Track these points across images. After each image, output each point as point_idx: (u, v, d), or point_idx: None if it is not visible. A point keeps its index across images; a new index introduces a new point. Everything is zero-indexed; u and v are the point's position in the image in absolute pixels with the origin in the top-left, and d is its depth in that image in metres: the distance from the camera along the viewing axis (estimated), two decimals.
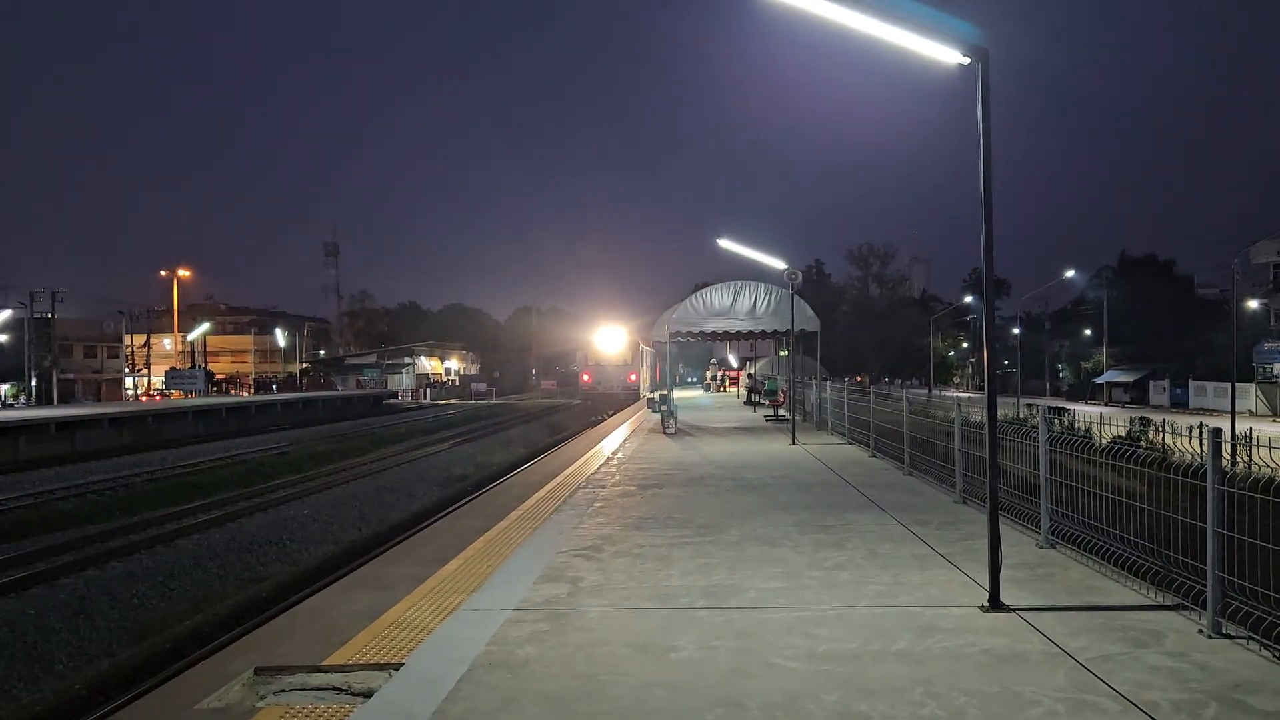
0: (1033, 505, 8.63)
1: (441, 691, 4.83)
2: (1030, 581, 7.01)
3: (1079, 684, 4.84)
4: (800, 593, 6.80)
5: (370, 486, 24.73)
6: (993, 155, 6.45)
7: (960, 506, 10.68)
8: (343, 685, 5.02)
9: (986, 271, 6.63)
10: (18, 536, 16.91)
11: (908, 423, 14.11)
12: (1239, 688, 4.76)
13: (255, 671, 5.22)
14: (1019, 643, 5.54)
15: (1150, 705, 4.53)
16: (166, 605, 12.96)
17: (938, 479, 12.45)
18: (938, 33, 6.32)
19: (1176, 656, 5.27)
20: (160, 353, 77.97)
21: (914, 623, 5.99)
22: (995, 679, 4.93)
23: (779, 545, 8.51)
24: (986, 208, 6.46)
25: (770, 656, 5.33)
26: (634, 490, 12.34)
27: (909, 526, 9.39)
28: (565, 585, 7.11)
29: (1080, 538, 7.73)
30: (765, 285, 25.65)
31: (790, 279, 21.61)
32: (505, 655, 5.42)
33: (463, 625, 6.07)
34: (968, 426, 11.02)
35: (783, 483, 12.98)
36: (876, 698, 4.67)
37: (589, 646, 5.56)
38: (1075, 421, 21.83)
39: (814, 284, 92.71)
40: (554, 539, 8.95)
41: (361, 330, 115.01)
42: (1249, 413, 48.47)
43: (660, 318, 26.09)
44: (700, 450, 18.11)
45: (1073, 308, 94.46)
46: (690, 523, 9.73)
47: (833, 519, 9.88)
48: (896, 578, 7.22)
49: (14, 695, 9.67)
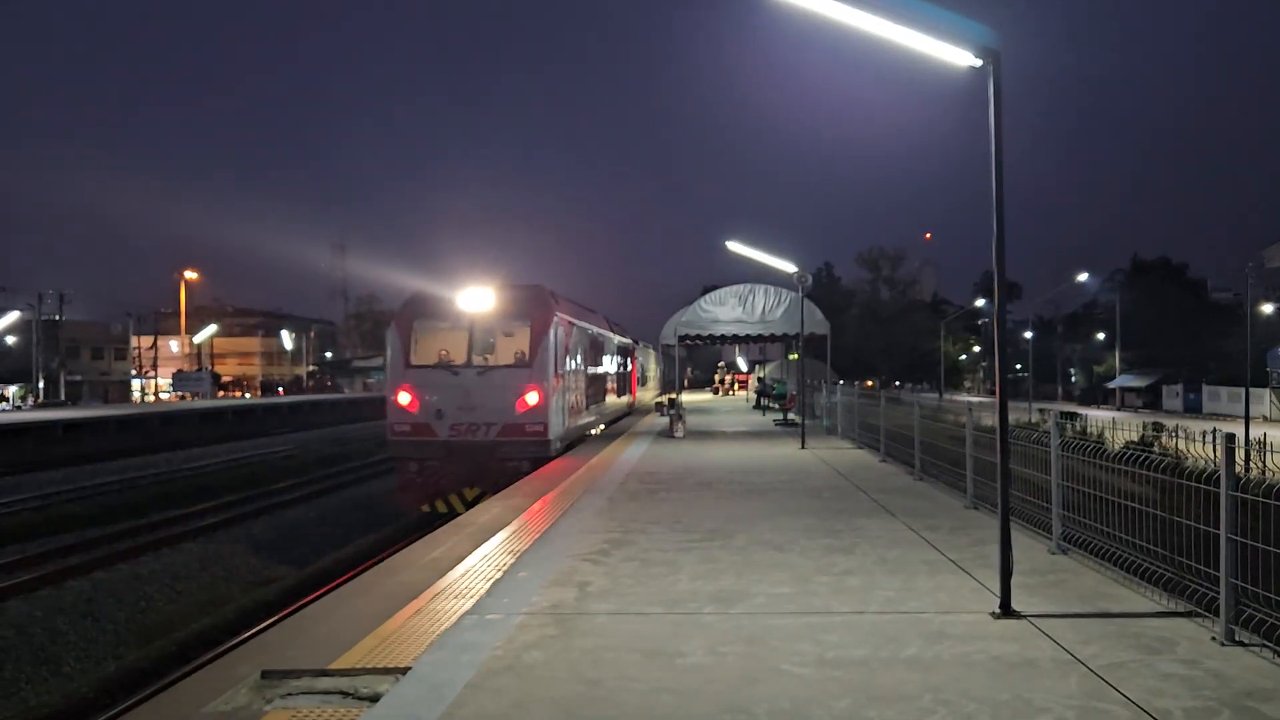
0: (1044, 511, 8.57)
1: (448, 696, 4.81)
2: (1041, 588, 6.96)
3: (1090, 691, 4.79)
4: (809, 598, 6.76)
5: (380, 488, 24.76)
6: (1004, 157, 6.41)
7: (971, 512, 10.61)
8: (349, 689, 5.01)
9: (998, 274, 6.58)
10: (25, 538, 16.98)
11: (918, 427, 14.05)
12: (1252, 695, 4.70)
13: (262, 675, 5.21)
14: (1030, 649, 5.49)
15: (1163, 713, 4.47)
16: (174, 608, 12.98)
17: (949, 484, 12.38)
18: (949, 34, 6.28)
19: (1189, 664, 5.21)
20: (167, 355, 78.32)
21: (924, 629, 5.94)
22: (1006, 686, 4.88)
23: (787, 550, 8.46)
24: (998, 210, 6.41)
25: (779, 663, 5.30)
26: (642, 494, 12.31)
27: (919, 532, 9.34)
28: (573, 590, 7.08)
29: (1092, 544, 7.67)
30: (775, 288, 25.60)
31: (800, 282, 21.56)
32: (512, 660, 5.40)
33: (470, 629, 6.05)
34: (979, 431, 10.97)
35: (791, 487, 12.93)
36: (886, 704, 4.63)
37: (596, 652, 5.54)
38: (1087, 426, 21.68)
39: (824, 287, 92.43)
40: (561, 543, 8.92)
41: (368, 332, 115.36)
42: (1263, 418, 48.14)
43: (669, 320, 26.04)
44: (708, 454, 18.07)
45: (1085, 311, 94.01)
46: (698, 527, 9.70)
47: (842, 524, 9.83)
48: (906, 583, 7.17)
49: (22, 697, 9.69)
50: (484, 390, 16.77)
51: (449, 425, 16.74)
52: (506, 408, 16.72)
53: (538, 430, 16.86)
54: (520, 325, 17.64)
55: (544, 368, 17.03)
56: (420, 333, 17.65)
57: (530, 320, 17.37)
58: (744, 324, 25.74)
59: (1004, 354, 6.88)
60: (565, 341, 18.46)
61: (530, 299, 17.95)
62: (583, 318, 21.86)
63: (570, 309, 20.34)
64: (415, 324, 17.55)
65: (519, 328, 17.68)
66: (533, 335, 17.17)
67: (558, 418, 17.62)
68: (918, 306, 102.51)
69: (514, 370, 17.12)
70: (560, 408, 17.81)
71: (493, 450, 16.68)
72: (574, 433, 19.92)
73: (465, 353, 17.37)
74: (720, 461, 16.60)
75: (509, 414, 16.72)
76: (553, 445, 17.16)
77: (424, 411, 16.86)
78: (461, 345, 17.49)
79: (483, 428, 16.71)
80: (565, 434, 18.52)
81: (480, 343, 17.82)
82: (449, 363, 17.24)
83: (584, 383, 21.40)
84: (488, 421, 16.71)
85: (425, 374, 17.08)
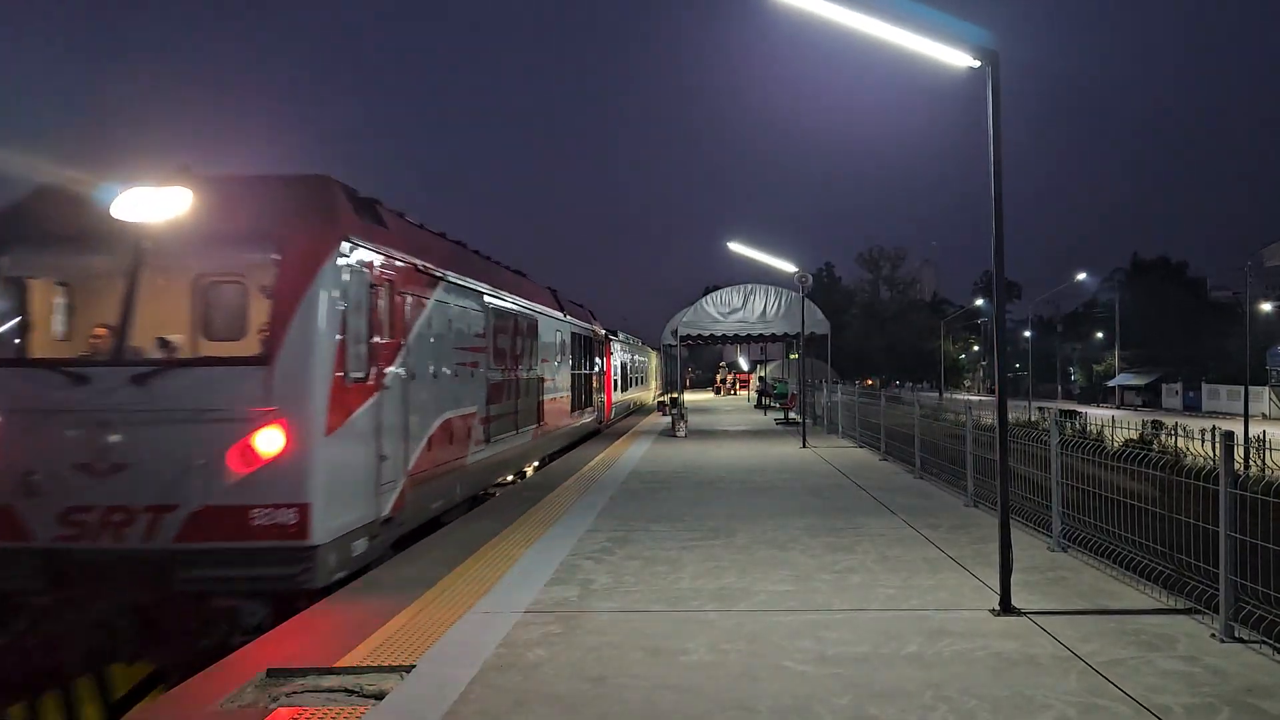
0: (1044, 509, 8.61)
1: (453, 693, 4.85)
2: (1041, 585, 6.99)
3: (1090, 688, 4.83)
4: (811, 596, 6.79)
5: None
6: (1003, 157, 6.45)
7: (971, 510, 10.65)
8: (354, 687, 5.04)
9: (997, 274, 6.62)
10: None
11: (918, 426, 14.08)
12: (1251, 692, 4.74)
13: (268, 673, 5.25)
14: (1030, 646, 5.53)
15: (1162, 709, 4.51)
16: None
17: (949, 482, 12.42)
18: (948, 36, 6.33)
19: (1189, 660, 5.24)
20: None
21: (925, 626, 5.98)
22: (1006, 682, 4.91)
23: (789, 548, 8.50)
24: (997, 209, 6.45)
25: (781, 660, 5.33)
26: (644, 493, 12.34)
27: (920, 530, 9.37)
28: (576, 587, 7.12)
29: (1092, 541, 7.70)
30: (776, 288, 25.67)
31: (800, 282, 21.63)
32: (516, 657, 5.44)
33: (474, 627, 6.09)
34: (979, 430, 11.00)
35: (793, 486, 12.96)
36: (887, 701, 4.66)
37: (600, 649, 5.57)
38: (1087, 425, 21.74)
39: (824, 287, 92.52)
40: (565, 541, 8.95)
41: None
42: (1262, 416, 48.21)
43: (671, 320, 26.11)
44: (710, 453, 18.10)
45: (1084, 310, 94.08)
46: (701, 525, 9.73)
47: (843, 522, 9.87)
48: (907, 581, 7.21)
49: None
50: (147, 426, 7.05)
51: (57, 513, 6.96)
52: (204, 466, 6.96)
53: (286, 523, 7.02)
54: (255, 260, 7.92)
55: (306, 360, 7.28)
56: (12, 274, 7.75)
57: (281, 250, 7.50)
58: (745, 324, 25.81)
59: (1004, 353, 6.91)
60: (391, 303, 8.82)
61: (284, 204, 7.93)
62: (458, 267, 11.35)
63: (413, 239, 10.01)
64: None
65: (253, 266, 8.07)
66: (284, 283, 7.38)
67: (353, 484, 7.84)
68: (918, 306, 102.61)
69: (227, 371, 7.30)
70: (364, 460, 8.06)
71: (164, 572, 6.92)
72: (421, 505, 9.61)
73: (117, 331, 7.40)
74: (722, 460, 16.64)
75: (210, 481, 6.96)
76: (324, 558, 7.17)
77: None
78: (111, 310, 7.56)
79: (142, 518, 6.94)
80: (379, 520, 8.30)
81: (150, 306, 7.78)
82: (82, 357, 7.53)
83: (464, 395, 11.21)
84: (156, 503, 6.94)
85: (4, 380, 7.35)
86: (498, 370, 13.03)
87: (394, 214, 9.77)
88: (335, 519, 7.32)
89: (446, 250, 11.47)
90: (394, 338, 8.83)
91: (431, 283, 10.08)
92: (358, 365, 7.90)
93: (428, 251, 10.30)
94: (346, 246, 7.73)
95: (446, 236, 12.01)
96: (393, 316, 8.83)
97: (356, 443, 7.86)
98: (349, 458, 7.71)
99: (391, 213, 9.65)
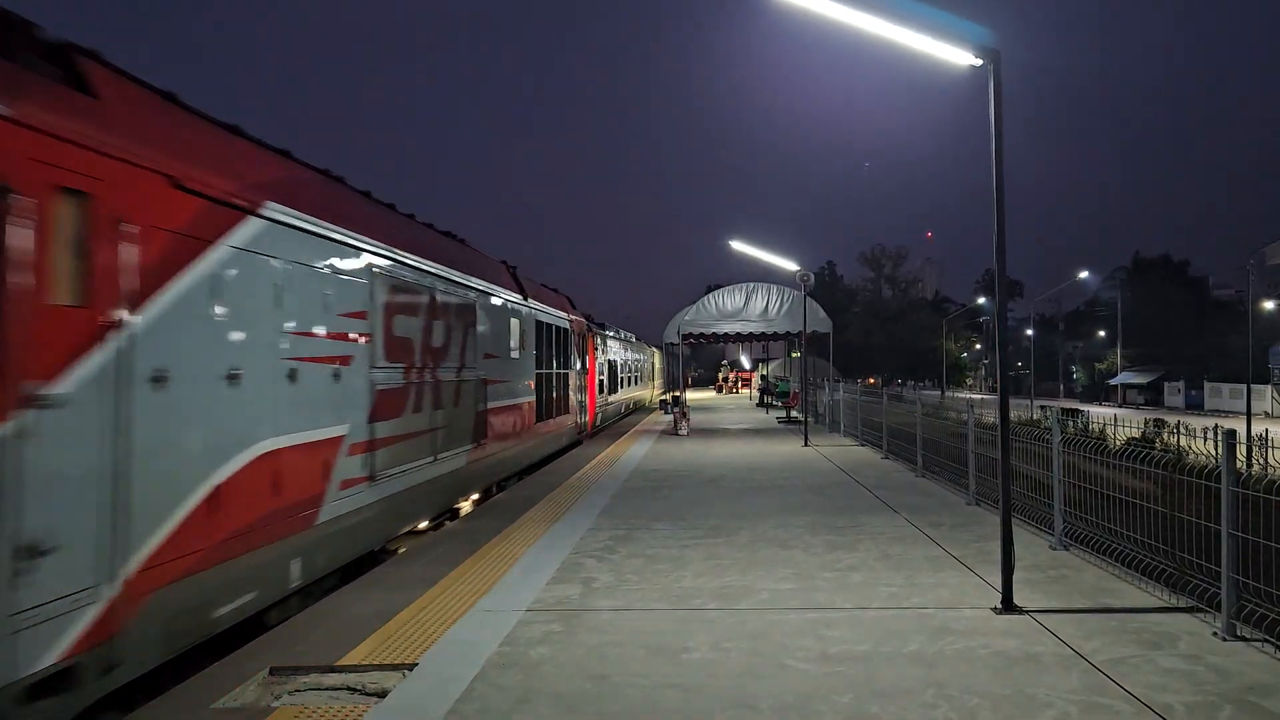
0: (1046, 507, 8.61)
1: (455, 691, 4.85)
2: (1043, 583, 7.00)
3: (1092, 686, 4.83)
4: (812, 594, 6.80)
5: None
6: (1005, 156, 6.45)
7: (973, 508, 10.65)
8: (357, 685, 5.05)
9: (999, 272, 6.63)
10: None
11: (920, 425, 14.08)
12: (1253, 690, 4.74)
13: (270, 671, 5.26)
14: (1032, 645, 5.53)
15: (1164, 708, 4.51)
16: None
17: (951, 481, 12.43)
18: (950, 35, 6.33)
19: (1190, 659, 5.25)
20: None
21: (926, 624, 5.98)
22: (1008, 681, 4.92)
23: (791, 547, 8.50)
24: (999, 208, 6.45)
25: (782, 658, 5.34)
26: (646, 491, 12.35)
27: (921, 528, 9.37)
28: (578, 586, 7.12)
29: (1094, 540, 7.70)
30: (778, 287, 25.69)
31: (802, 281, 21.63)
32: (518, 655, 5.44)
33: (476, 626, 6.10)
34: (980, 428, 11.00)
35: (795, 484, 12.96)
36: (889, 699, 4.67)
37: (601, 647, 5.58)
38: (1089, 423, 21.74)
39: (826, 286, 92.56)
40: (566, 540, 8.96)
41: None
42: (1265, 414, 48.11)
43: (673, 319, 26.12)
44: (712, 451, 18.10)
45: (1086, 309, 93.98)
46: (703, 524, 9.74)
47: (845, 520, 9.87)
48: (909, 579, 7.21)
49: None
50: None
51: None
52: None
53: None
54: None
55: None
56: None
57: None
58: (747, 322, 25.83)
59: (1005, 351, 6.91)
60: (92, 240, 4.68)
61: None
62: (301, 200, 7.20)
63: (172, 131, 5.77)
64: None
65: None
66: None
67: None
68: (919, 305, 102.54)
69: None
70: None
71: None
72: (175, 624, 5.37)
73: None
74: (724, 458, 16.64)
75: None
76: None
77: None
78: None
79: None
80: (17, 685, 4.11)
81: None
82: None
83: (318, 408, 7.32)
84: None
85: None
86: (396, 369, 9.03)
87: (130, 81, 5.61)
88: None
89: (275, 168, 7.16)
90: (95, 304, 4.73)
91: (214, 213, 5.85)
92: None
93: (222, 160, 6.26)
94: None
95: (282, 152, 7.58)
96: (100, 262, 4.76)
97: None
98: None
99: (121, 77, 5.52)
